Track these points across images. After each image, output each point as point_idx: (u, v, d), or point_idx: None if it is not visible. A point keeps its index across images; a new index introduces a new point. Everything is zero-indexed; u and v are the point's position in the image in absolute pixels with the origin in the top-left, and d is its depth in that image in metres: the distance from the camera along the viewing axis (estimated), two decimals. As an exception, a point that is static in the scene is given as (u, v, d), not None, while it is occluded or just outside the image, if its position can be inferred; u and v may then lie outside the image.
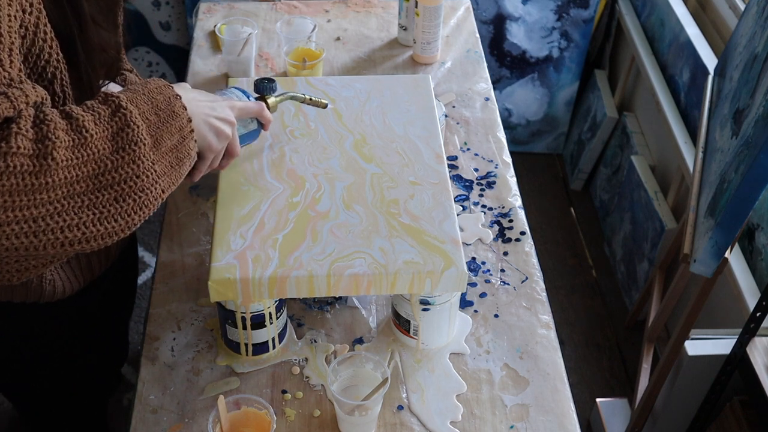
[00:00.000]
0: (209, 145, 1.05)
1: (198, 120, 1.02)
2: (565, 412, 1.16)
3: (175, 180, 0.99)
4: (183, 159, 0.99)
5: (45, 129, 0.84)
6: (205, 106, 1.04)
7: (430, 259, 1.10)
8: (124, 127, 0.91)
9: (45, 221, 0.86)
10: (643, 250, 2.37)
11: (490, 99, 1.72)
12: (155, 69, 2.82)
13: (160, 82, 0.99)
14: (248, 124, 1.17)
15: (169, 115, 0.97)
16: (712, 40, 2.28)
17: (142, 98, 0.95)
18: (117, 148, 0.90)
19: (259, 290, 1.09)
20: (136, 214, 0.93)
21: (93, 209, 0.89)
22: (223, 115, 1.06)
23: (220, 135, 1.06)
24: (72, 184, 0.87)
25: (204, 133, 1.04)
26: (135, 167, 0.91)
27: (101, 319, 1.40)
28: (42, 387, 1.40)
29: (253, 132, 1.19)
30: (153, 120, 0.95)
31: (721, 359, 1.66)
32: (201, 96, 1.06)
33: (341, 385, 1.12)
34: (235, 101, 1.11)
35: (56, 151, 0.84)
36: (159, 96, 0.97)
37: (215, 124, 1.05)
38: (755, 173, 1.35)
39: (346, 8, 1.98)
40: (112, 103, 0.92)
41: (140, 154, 0.92)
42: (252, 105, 1.14)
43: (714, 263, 1.50)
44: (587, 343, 2.41)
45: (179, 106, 0.98)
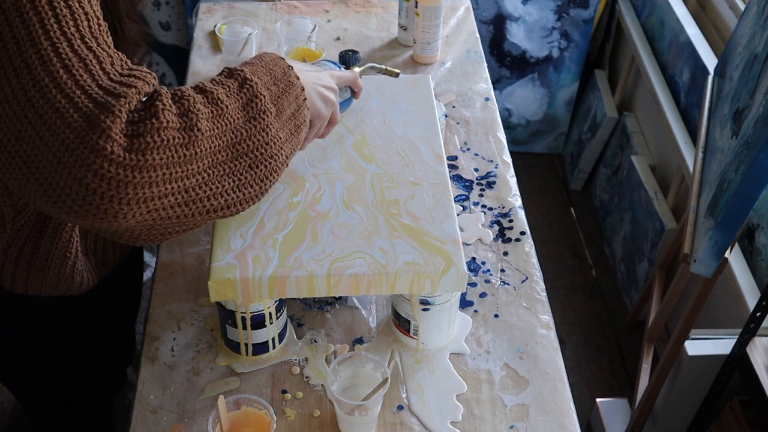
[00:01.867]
0: (319, 113, 1.10)
1: (309, 89, 1.07)
2: (565, 412, 1.16)
3: (296, 146, 1.04)
4: (300, 126, 1.04)
5: (186, 103, 0.88)
6: (312, 76, 1.09)
7: (430, 259, 1.10)
8: (252, 97, 0.96)
9: (195, 191, 0.90)
10: (643, 250, 2.37)
11: (490, 99, 1.72)
12: (155, 69, 2.82)
13: (273, 55, 1.04)
14: (344, 92, 1.23)
15: (286, 85, 1.02)
16: (712, 40, 2.28)
17: (262, 70, 1.00)
18: (249, 117, 0.95)
19: (259, 290, 1.09)
20: (268, 179, 0.98)
21: (232, 177, 0.94)
22: (328, 83, 1.12)
23: (327, 102, 1.11)
24: (215, 153, 0.91)
25: (315, 100, 1.09)
26: (264, 135, 0.96)
27: (111, 317, 1.42)
28: (52, 385, 1.41)
29: (348, 100, 1.26)
30: (273, 90, 1.00)
31: (721, 359, 1.66)
32: (306, 67, 1.11)
33: (341, 385, 1.12)
34: (335, 71, 1.17)
35: (200, 122, 0.88)
36: (275, 68, 1.02)
37: (323, 92, 1.10)
38: (755, 173, 1.35)
39: (346, 8, 1.98)
40: (239, 76, 0.97)
41: (268, 123, 0.97)
42: (348, 74, 1.20)
43: (714, 263, 1.50)
44: (587, 343, 2.41)
45: (293, 76, 1.03)
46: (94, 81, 0.83)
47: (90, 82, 0.83)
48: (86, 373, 1.42)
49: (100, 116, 0.81)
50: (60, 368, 1.38)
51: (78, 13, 0.86)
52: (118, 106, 0.82)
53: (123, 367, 1.62)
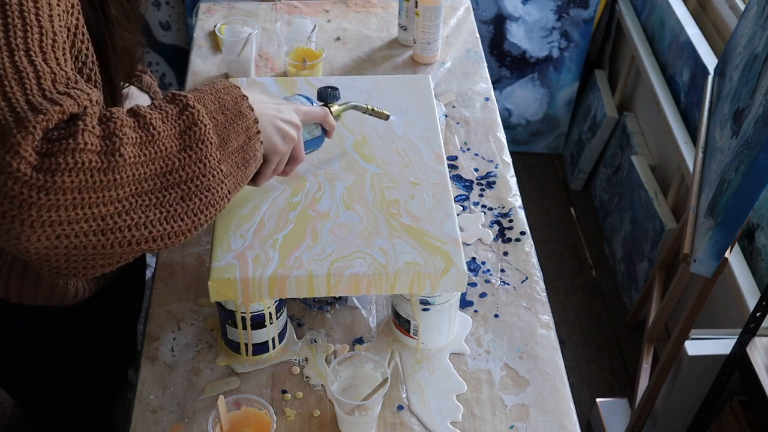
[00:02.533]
0: (275, 148, 1.05)
1: (265, 121, 1.02)
2: (565, 412, 1.16)
3: (241, 181, 0.99)
4: (249, 160, 0.99)
5: (112, 126, 0.84)
6: (271, 108, 1.04)
7: (430, 259, 1.10)
8: (191, 125, 0.91)
9: (113, 219, 0.85)
10: (643, 250, 2.37)
11: (490, 99, 1.72)
12: (155, 69, 2.82)
13: (228, 83, 0.99)
14: (313, 130, 1.16)
15: (236, 114, 0.97)
16: (712, 40, 2.28)
17: (210, 98, 0.96)
18: (184, 146, 0.90)
19: (259, 290, 1.09)
20: (202, 213, 0.93)
21: (160, 208, 0.89)
22: (289, 117, 1.06)
23: (286, 137, 1.06)
24: (139, 182, 0.86)
25: (270, 134, 1.03)
26: (201, 166, 0.91)
27: (112, 321, 1.41)
28: (51, 388, 1.40)
29: (317, 138, 1.18)
30: (220, 119, 0.95)
31: (721, 359, 1.66)
32: (267, 98, 1.06)
33: (341, 385, 1.12)
34: (301, 106, 1.11)
35: (124, 148, 0.84)
36: (226, 96, 0.97)
37: (281, 126, 1.05)
38: (755, 173, 1.35)
39: (346, 8, 1.98)
40: (180, 102, 0.92)
41: (207, 153, 0.92)
42: (317, 110, 1.14)
43: (714, 263, 1.50)
44: (587, 343, 2.41)
45: (246, 106, 0.98)
46: (24, 95, 0.80)
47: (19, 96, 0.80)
48: (86, 375, 1.42)
49: (12, 131, 0.78)
50: (60, 370, 1.37)
51: (31, 25, 0.83)
52: (33, 122, 0.78)
53: (124, 368, 1.62)
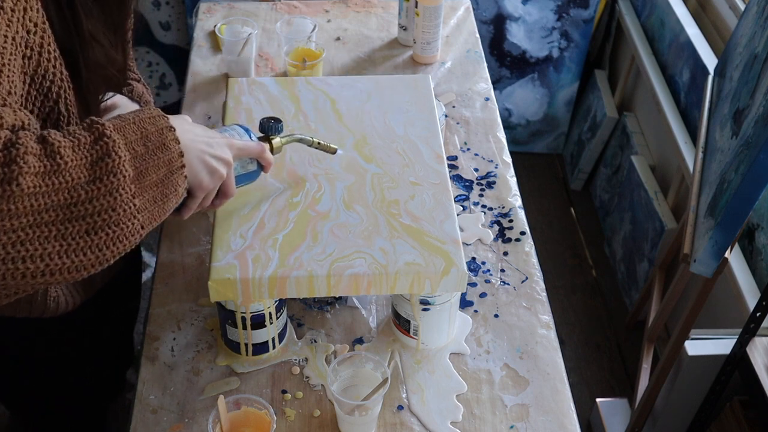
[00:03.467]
0: (200, 183, 1.00)
1: (191, 155, 0.97)
2: (565, 412, 1.16)
3: (158, 216, 0.94)
4: (169, 194, 0.94)
5: (14, 153, 0.80)
6: (201, 142, 0.99)
7: (430, 259, 1.10)
8: (104, 156, 0.86)
9: (5, 249, 0.81)
10: (643, 250, 2.37)
11: (490, 99, 1.72)
12: (155, 69, 2.82)
13: (155, 112, 0.95)
14: (247, 164, 1.10)
15: (158, 147, 0.92)
16: (712, 40, 2.28)
17: (132, 127, 0.91)
18: (94, 177, 0.85)
19: (259, 290, 1.09)
20: (108, 249, 0.88)
21: (61, 240, 0.84)
22: (219, 153, 1.01)
23: (214, 174, 1.01)
24: (39, 213, 0.82)
25: (196, 170, 0.99)
26: (111, 199, 0.86)
27: (105, 328, 1.40)
28: (43, 396, 1.39)
29: (252, 173, 1.12)
30: (140, 151, 0.90)
31: (721, 359, 1.66)
32: (199, 131, 1.01)
33: (341, 385, 1.12)
34: (235, 140, 1.06)
35: (22, 177, 0.80)
36: (150, 126, 0.93)
37: (210, 161, 1.00)
38: (755, 173, 1.35)
39: (346, 8, 1.98)
40: (96, 130, 0.87)
41: (118, 186, 0.87)
42: (253, 146, 1.08)
43: (714, 263, 1.50)
44: (587, 343, 2.41)
45: (171, 138, 0.94)
46: None
47: None
48: (82, 381, 1.40)
49: None
50: (54, 377, 1.36)
51: None
52: None
53: (120, 372, 1.61)
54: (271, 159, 1.12)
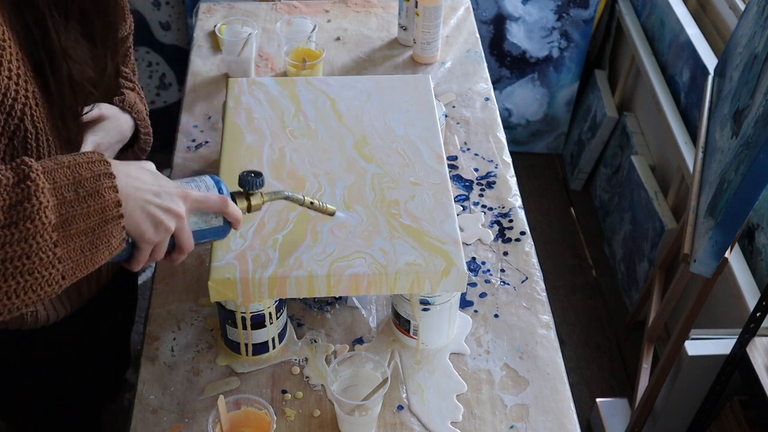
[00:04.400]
0: (142, 235, 0.93)
1: (133, 205, 0.91)
2: (565, 412, 1.16)
3: (84, 266, 0.88)
4: (99, 246, 0.88)
5: None
6: (148, 192, 0.92)
7: (430, 260, 1.10)
8: (23, 200, 0.81)
9: None
10: (643, 250, 2.37)
11: (490, 99, 1.72)
12: (155, 69, 2.82)
13: (96, 156, 0.89)
14: (210, 218, 1.00)
15: (90, 194, 0.86)
16: (712, 40, 2.28)
17: (64, 171, 0.86)
18: (10, 222, 0.81)
19: (259, 290, 1.09)
20: (19, 297, 0.83)
21: None
22: (168, 205, 0.93)
23: (159, 226, 0.93)
24: None
25: (138, 220, 0.92)
26: (27, 246, 0.81)
27: (100, 335, 1.38)
28: (37, 405, 1.38)
29: (217, 229, 1.01)
30: (69, 197, 0.85)
31: (721, 359, 1.66)
32: (149, 179, 0.94)
33: (341, 385, 1.12)
34: (192, 192, 0.97)
35: None
36: (86, 172, 0.87)
37: (155, 213, 0.92)
38: (755, 173, 1.35)
39: (346, 8, 1.98)
40: (21, 172, 0.82)
41: (35, 233, 0.82)
42: (213, 199, 0.98)
43: (714, 263, 1.50)
44: (587, 343, 2.41)
45: (107, 186, 0.88)
46: None
47: None
48: (75, 390, 1.39)
49: None
50: (45, 390, 1.34)
51: None
52: None
53: (118, 374, 1.60)
54: (236, 215, 1.01)
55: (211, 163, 1.52)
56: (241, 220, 1.02)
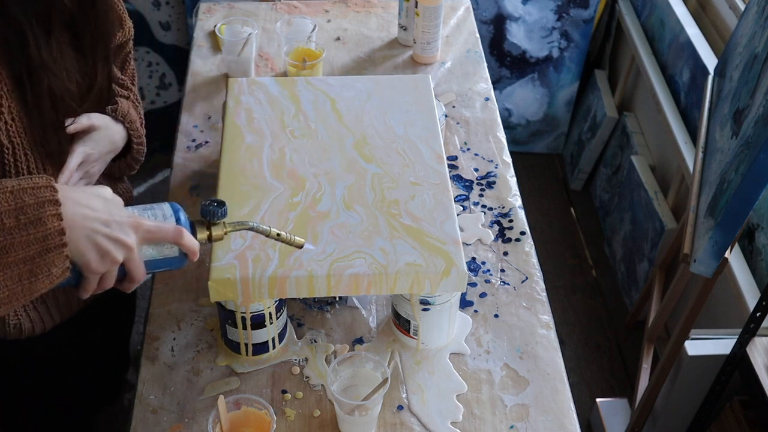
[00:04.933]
0: (87, 265, 0.90)
1: (79, 234, 0.88)
2: (565, 412, 1.16)
3: (22, 295, 0.86)
4: (39, 274, 0.86)
5: None
6: (96, 220, 0.89)
7: (431, 260, 1.10)
8: None
9: None
10: (643, 250, 2.37)
11: (490, 99, 1.72)
12: (155, 69, 2.82)
13: (43, 182, 0.86)
14: (165, 249, 0.97)
15: (32, 221, 0.84)
16: (712, 40, 2.28)
17: (6, 196, 0.84)
18: None
19: (259, 290, 1.09)
20: None
21: None
22: (117, 235, 0.90)
23: (106, 257, 0.90)
24: None
25: (83, 250, 0.89)
26: None
27: (93, 343, 1.37)
28: (29, 411, 1.37)
29: (172, 259, 0.99)
30: (8, 224, 0.83)
31: (721, 359, 1.66)
32: (101, 207, 0.91)
33: (341, 385, 1.12)
34: (145, 222, 0.94)
35: None
36: (29, 198, 0.85)
37: (102, 243, 0.89)
38: (755, 173, 1.35)
39: (346, 8, 1.98)
40: None
41: None
42: (166, 230, 0.95)
43: (714, 263, 1.50)
44: (587, 343, 2.41)
45: (51, 213, 0.85)
46: None
47: None
48: (72, 391, 1.38)
49: None
50: (39, 397, 1.34)
51: None
52: None
53: (116, 379, 1.58)
54: (192, 246, 0.97)
55: (211, 163, 1.52)
56: (197, 251, 0.99)
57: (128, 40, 1.26)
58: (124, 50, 1.27)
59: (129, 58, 1.29)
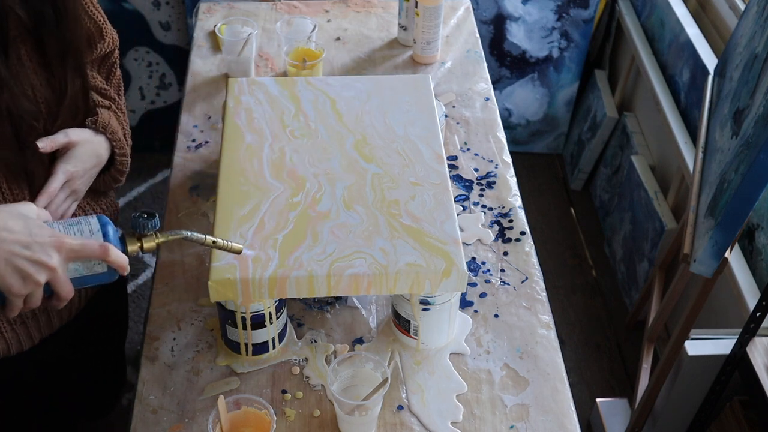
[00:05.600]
0: (9, 289, 0.89)
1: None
2: (565, 412, 1.16)
3: None
4: None
5: None
6: (15, 243, 0.88)
7: (431, 261, 1.10)
8: None
9: None
10: (643, 250, 2.37)
11: (490, 99, 1.72)
12: (155, 69, 2.82)
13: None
14: (94, 266, 0.97)
15: None
16: (712, 40, 2.28)
17: None
18: None
19: (259, 290, 1.09)
20: None
21: None
22: (38, 257, 0.89)
23: (27, 279, 0.89)
24: None
25: (3, 273, 0.88)
26: None
27: (85, 357, 1.35)
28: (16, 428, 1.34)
29: (102, 275, 0.98)
30: None
31: (721, 359, 1.66)
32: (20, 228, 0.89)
33: (341, 385, 1.12)
34: (69, 240, 0.92)
35: None
36: None
37: (22, 266, 0.88)
38: (755, 173, 1.35)
39: (346, 8, 1.98)
40: None
41: None
42: (91, 247, 0.94)
43: (714, 263, 1.50)
44: (587, 343, 2.41)
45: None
46: None
47: None
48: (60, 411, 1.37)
49: None
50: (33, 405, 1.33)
51: None
52: None
53: (111, 391, 1.56)
54: (120, 262, 0.96)
55: (211, 164, 1.52)
56: (126, 267, 0.97)
57: (112, 51, 1.23)
58: (109, 60, 1.24)
59: (114, 68, 1.26)
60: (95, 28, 1.18)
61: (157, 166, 2.86)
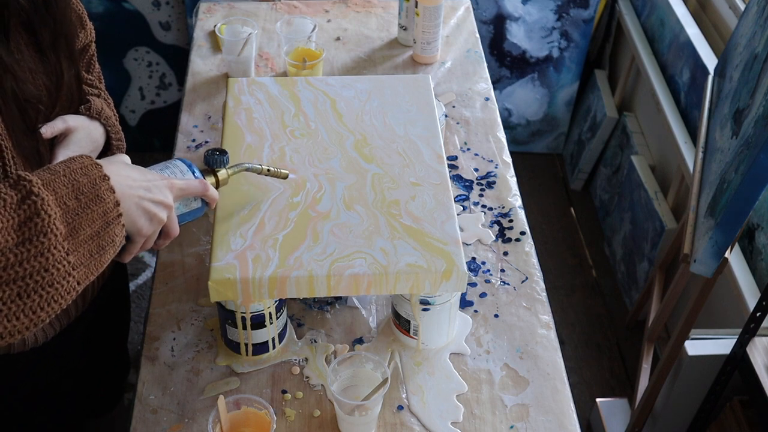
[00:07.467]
0: (139, 231, 0.96)
1: (129, 203, 0.93)
2: (565, 412, 1.16)
3: (95, 269, 0.90)
4: (106, 246, 0.90)
5: None
6: (139, 188, 0.95)
7: (432, 261, 1.10)
8: (32, 216, 0.82)
9: None
10: (643, 250, 2.37)
11: (490, 99, 1.72)
12: (155, 69, 2.82)
13: (87, 161, 0.90)
14: (190, 202, 1.07)
15: (91, 199, 0.88)
16: (712, 40, 2.28)
17: (62, 180, 0.86)
18: (23, 239, 0.81)
19: (259, 290, 1.09)
20: (43, 310, 0.85)
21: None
22: (159, 197, 0.97)
23: (153, 219, 0.97)
24: None
25: (134, 217, 0.95)
26: (43, 260, 0.82)
27: (92, 349, 1.36)
28: (29, 422, 1.34)
29: (196, 210, 1.09)
30: (72, 205, 0.86)
31: (721, 359, 1.66)
32: (136, 175, 0.96)
33: (341, 385, 1.12)
34: (176, 180, 1.01)
35: None
36: (82, 178, 0.88)
37: (149, 207, 0.96)
38: (755, 173, 1.35)
39: (346, 8, 1.98)
40: (23, 188, 0.83)
41: (50, 246, 0.83)
42: (194, 185, 1.04)
43: (714, 263, 1.50)
44: (587, 343, 2.41)
45: (105, 188, 0.90)
46: None
47: None
48: (69, 406, 1.37)
49: None
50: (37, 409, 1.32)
51: None
52: None
53: (116, 385, 1.57)
54: (215, 195, 1.07)
55: (211, 163, 1.52)
56: (217, 199, 1.08)
57: (91, 42, 1.25)
58: (88, 52, 1.25)
59: (93, 60, 1.27)
60: (77, 18, 1.20)
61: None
